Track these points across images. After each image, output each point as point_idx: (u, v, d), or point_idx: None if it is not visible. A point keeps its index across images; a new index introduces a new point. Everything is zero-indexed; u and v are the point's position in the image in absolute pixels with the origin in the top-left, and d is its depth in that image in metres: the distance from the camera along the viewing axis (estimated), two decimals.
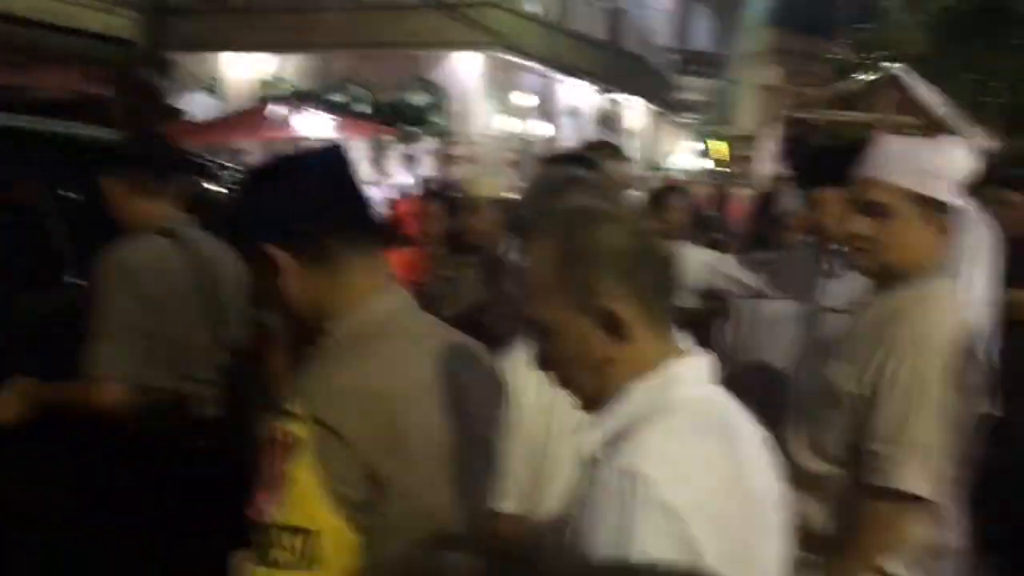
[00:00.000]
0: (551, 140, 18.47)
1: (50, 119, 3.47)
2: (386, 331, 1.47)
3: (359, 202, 1.54)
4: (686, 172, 22.67)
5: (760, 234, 6.35)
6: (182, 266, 2.47)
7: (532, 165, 12.32)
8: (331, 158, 1.56)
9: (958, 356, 2.03)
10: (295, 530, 1.30)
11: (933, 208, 2.12)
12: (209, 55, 16.80)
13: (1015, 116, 12.68)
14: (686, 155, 26.63)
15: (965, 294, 2.19)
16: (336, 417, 1.31)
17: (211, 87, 17.29)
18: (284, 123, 13.95)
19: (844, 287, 2.74)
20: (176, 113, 14.77)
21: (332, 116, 14.66)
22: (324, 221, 1.44)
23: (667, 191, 5.96)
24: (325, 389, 1.34)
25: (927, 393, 1.98)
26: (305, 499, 1.29)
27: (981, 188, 4.26)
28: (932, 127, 7.95)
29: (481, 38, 15.36)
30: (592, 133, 18.42)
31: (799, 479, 1.94)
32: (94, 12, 11.15)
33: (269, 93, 16.35)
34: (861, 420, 2.01)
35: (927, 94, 9.39)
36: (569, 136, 18.45)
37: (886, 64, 10.37)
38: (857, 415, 2.02)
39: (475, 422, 1.49)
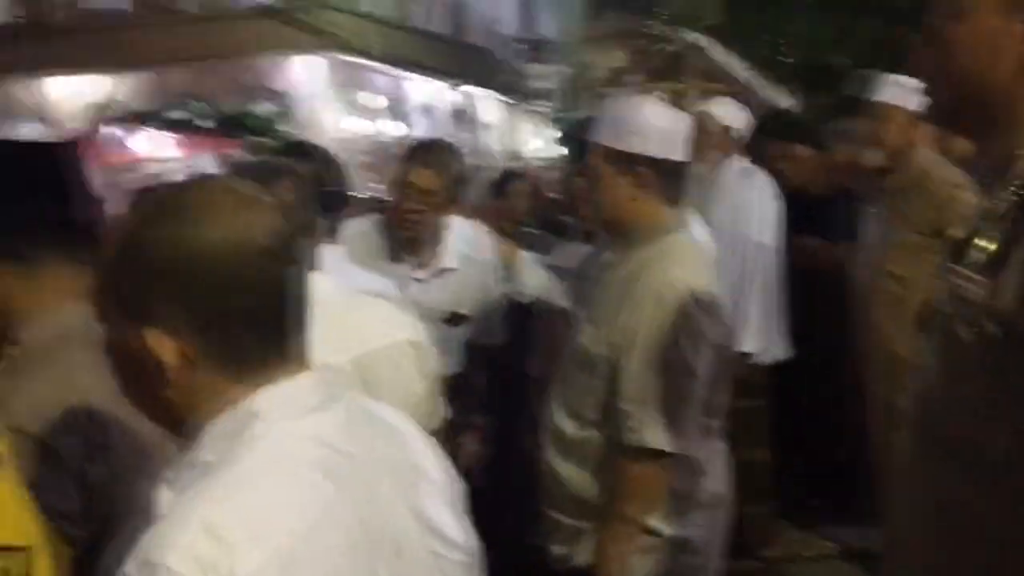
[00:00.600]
0: (404, 139, 18.39)
1: None
2: (85, 339, 1.39)
3: (65, 204, 1.48)
4: (544, 160, 22.88)
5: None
6: None
7: (387, 165, 12.25)
8: (43, 156, 1.51)
9: (698, 309, 2.09)
10: (5, 549, 1.24)
11: (626, 163, 2.16)
12: (34, 80, 16.01)
13: (806, 75, 13.40)
14: (543, 143, 26.90)
15: (711, 245, 2.27)
16: (42, 428, 1.26)
17: (39, 114, 16.47)
18: (120, 145, 13.43)
19: (575, 250, 2.83)
20: None
21: (172, 134, 14.19)
22: (14, 219, 1.37)
23: (507, 177, 6.00)
24: (26, 401, 1.29)
25: (666, 348, 2.03)
26: (11, 515, 1.24)
27: (769, 143, 4.46)
28: (735, 91, 8.26)
29: (318, 41, 15.15)
30: (447, 129, 18.39)
31: (562, 445, 1.96)
32: None
33: (103, 115, 15.69)
34: (611, 381, 2.04)
35: (727, 60, 9.73)
36: (425, 134, 18.41)
37: (687, 34, 10.75)
38: (608, 377, 2.05)
39: None
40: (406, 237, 3.69)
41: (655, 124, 2.17)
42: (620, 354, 2.04)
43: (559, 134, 27.71)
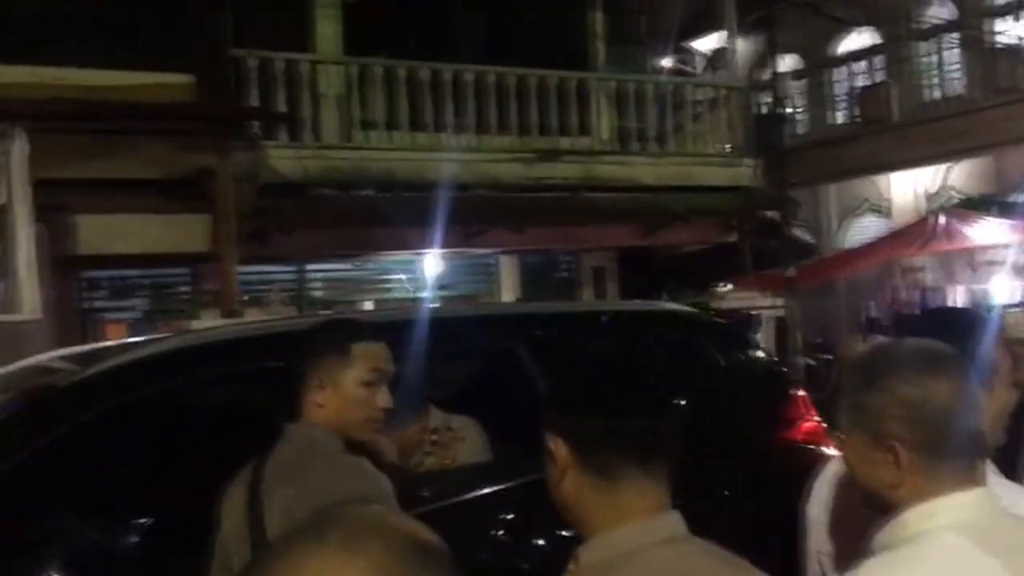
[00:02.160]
0: None
1: None
2: (627, 562, 1.34)
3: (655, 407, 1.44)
4: None
5: None
6: None
7: None
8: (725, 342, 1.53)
9: None
10: None
11: None
12: (866, 179, 16.81)
13: None
14: None
15: None
16: None
17: (877, 208, 17.21)
18: (957, 233, 13.23)
19: None
20: (806, 247, 15.05)
21: (1010, 220, 13.46)
22: (606, 425, 1.38)
23: None
24: None
25: None
26: None
27: None
28: None
29: None
30: None
31: None
32: (721, 168, 12.07)
33: (935, 205, 15.66)
34: None
35: None
36: None
37: None
38: None
39: None
40: None
41: None
42: None
43: None
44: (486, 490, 3.13)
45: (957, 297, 14.88)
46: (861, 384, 1.54)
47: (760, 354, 4.46)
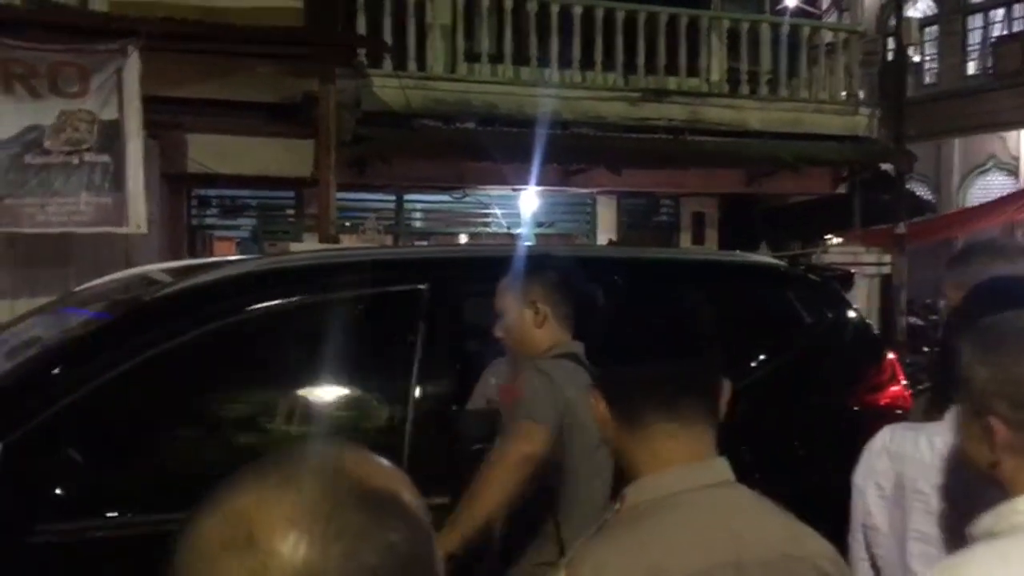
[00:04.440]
0: None
1: None
2: (673, 504, 1.36)
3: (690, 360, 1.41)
4: None
5: None
6: None
7: None
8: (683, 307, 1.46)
9: None
10: None
11: None
12: (995, 135, 15.91)
13: None
14: None
15: None
16: None
17: (1004, 166, 16.33)
18: None
19: None
20: (921, 203, 14.34)
21: None
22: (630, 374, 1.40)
23: None
24: (591, 561, 1.31)
25: None
26: None
27: None
28: None
29: None
30: None
31: None
32: (836, 116, 11.53)
33: None
34: None
35: None
36: None
37: None
38: None
39: None
40: None
41: None
42: None
43: None
44: None
45: None
46: (970, 356, 1.49)
47: (852, 314, 4.30)
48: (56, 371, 2.68)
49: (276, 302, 3.01)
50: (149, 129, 7.59)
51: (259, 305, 3.01)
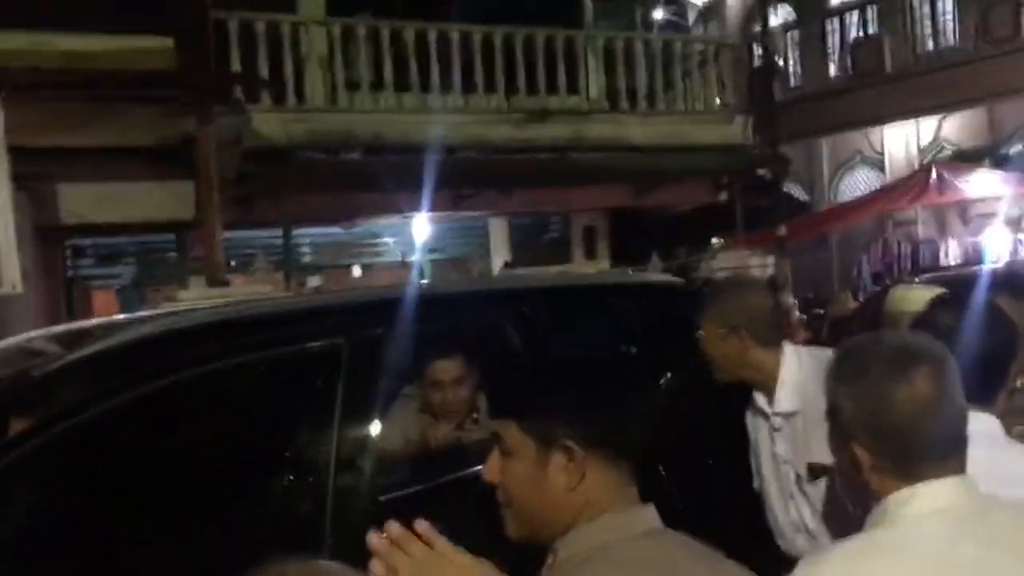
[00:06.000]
0: None
1: None
2: (603, 558, 1.35)
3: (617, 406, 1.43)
4: None
5: None
6: None
7: None
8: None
9: None
10: None
11: None
12: (859, 131, 16.67)
13: None
14: None
15: None
16: None
17: (870, 161, 17.10)
18: (950, 186, 13.18)
19: None
20: (798, 205, 14.97)
21: (1004, 172, 13.41)
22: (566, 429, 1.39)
23: None
24: None
25: None
26: None
27: None
28: None
29: None
30: None
31: None
32: (712, 127, 11.93)
33: (929, 157, 15.57)
34: None
35: None
36: None
37: None
38: None
39: None
40: None
41: None
42: None
43: None
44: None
45: (949, 251, 14.86)
46: (834, 384, 1.55)
47: None
48: None
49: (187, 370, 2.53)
50: (17, 181, 7.24)
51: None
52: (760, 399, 2.76)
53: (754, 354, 2.67)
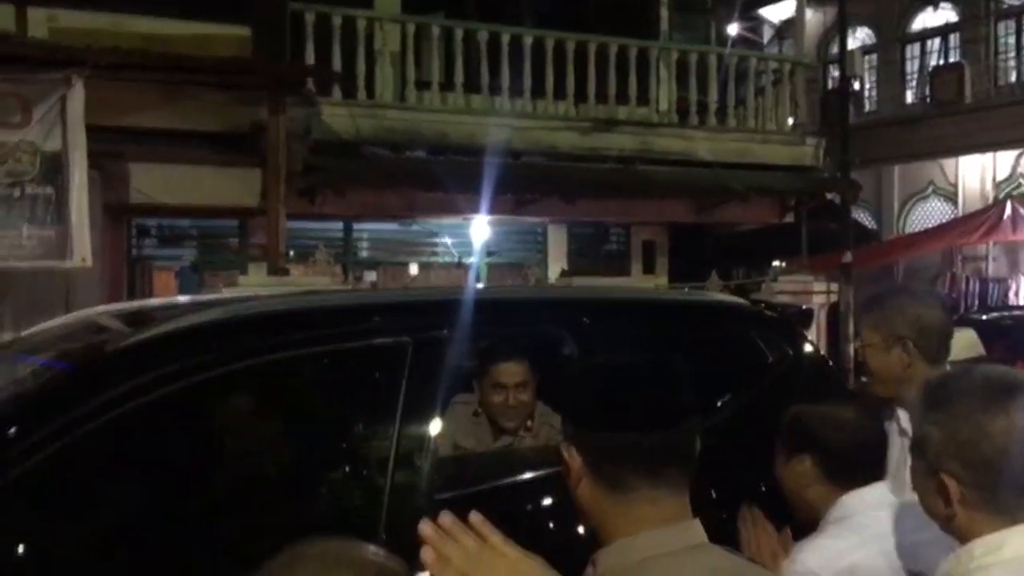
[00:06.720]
0: None
1: None
2: (646, 570, 1.33)
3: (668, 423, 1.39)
4: None
5: None
6: None
7: None
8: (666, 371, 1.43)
9: None
10: None
11: None
12: (933, 161, 16.30)
13: None
14: None
15: None
16: None
17: (943, 192, 16.71)
18: (1023, 222, 12.83)
19: None
20: (866, 232, 14.62)
21: None
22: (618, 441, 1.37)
23: None
24: None
25: None
26: None
27: None
28: None
29: None
30: None
31: None
32: (783, 147, 11.71)
33: (1004, 192, 15.16)
34: None
35: None
36: None
37: None
38: None
39: None
40: None
41: None
42: None
43: None
44: None
45: (1020, 290, 14.44)
46: (922, 414, 1.52)
47: (810, 348, 4.30)
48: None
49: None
50: (91, 159, 7.38)
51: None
52: (905, 419, 2.41)
53: (919, 370, 2.37)
